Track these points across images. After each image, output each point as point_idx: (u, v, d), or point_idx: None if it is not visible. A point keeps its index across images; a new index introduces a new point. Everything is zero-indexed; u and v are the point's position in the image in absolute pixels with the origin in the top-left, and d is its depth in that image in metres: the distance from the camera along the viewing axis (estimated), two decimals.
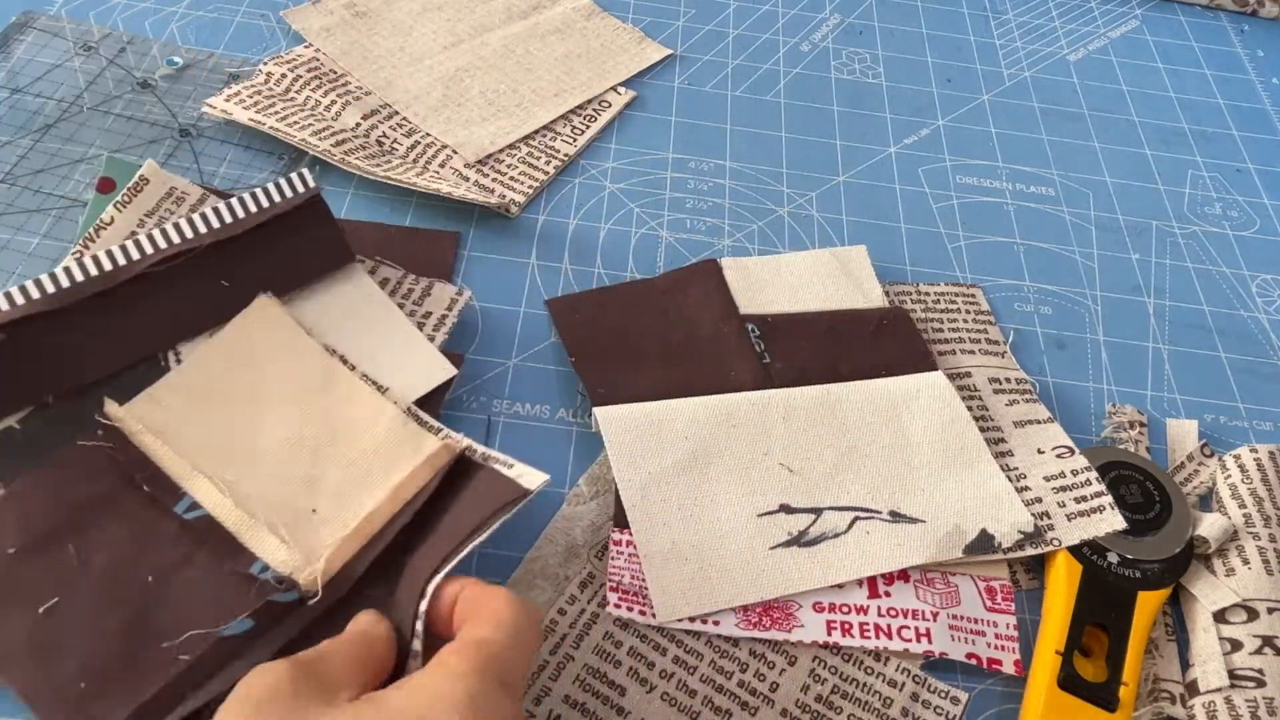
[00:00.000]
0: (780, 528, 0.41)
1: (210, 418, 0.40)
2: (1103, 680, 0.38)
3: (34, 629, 0.34)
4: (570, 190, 0.54)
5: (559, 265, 0.51)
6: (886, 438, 0.44)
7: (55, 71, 0.55)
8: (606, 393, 0.44)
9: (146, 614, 0.35)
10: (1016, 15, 0.71)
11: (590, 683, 0.37)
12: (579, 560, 0.40)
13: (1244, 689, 0.38)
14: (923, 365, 0.47)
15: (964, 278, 0.53)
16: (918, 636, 0.39)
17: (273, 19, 0.61)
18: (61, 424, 0.39)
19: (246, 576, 0.36)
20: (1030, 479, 0.43)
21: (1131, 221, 0.58)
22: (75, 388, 0.40)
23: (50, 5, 0.59)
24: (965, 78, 0.65)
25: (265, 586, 0.36)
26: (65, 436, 0.39)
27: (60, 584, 0.35)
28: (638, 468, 0.41)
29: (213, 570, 0.36)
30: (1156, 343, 0.52)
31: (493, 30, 0.62)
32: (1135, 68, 0.68)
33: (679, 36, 0.65)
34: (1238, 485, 0.44)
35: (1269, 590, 0.40)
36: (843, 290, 0.49)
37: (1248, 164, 0.62)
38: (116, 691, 0.33)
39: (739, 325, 0.47)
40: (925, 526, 0.41)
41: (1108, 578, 0.41)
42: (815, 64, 0.65)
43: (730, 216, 0.54)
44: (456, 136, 0.55)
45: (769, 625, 0.38)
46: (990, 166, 0.59)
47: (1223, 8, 0.73)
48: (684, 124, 0.59)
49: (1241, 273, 0.56)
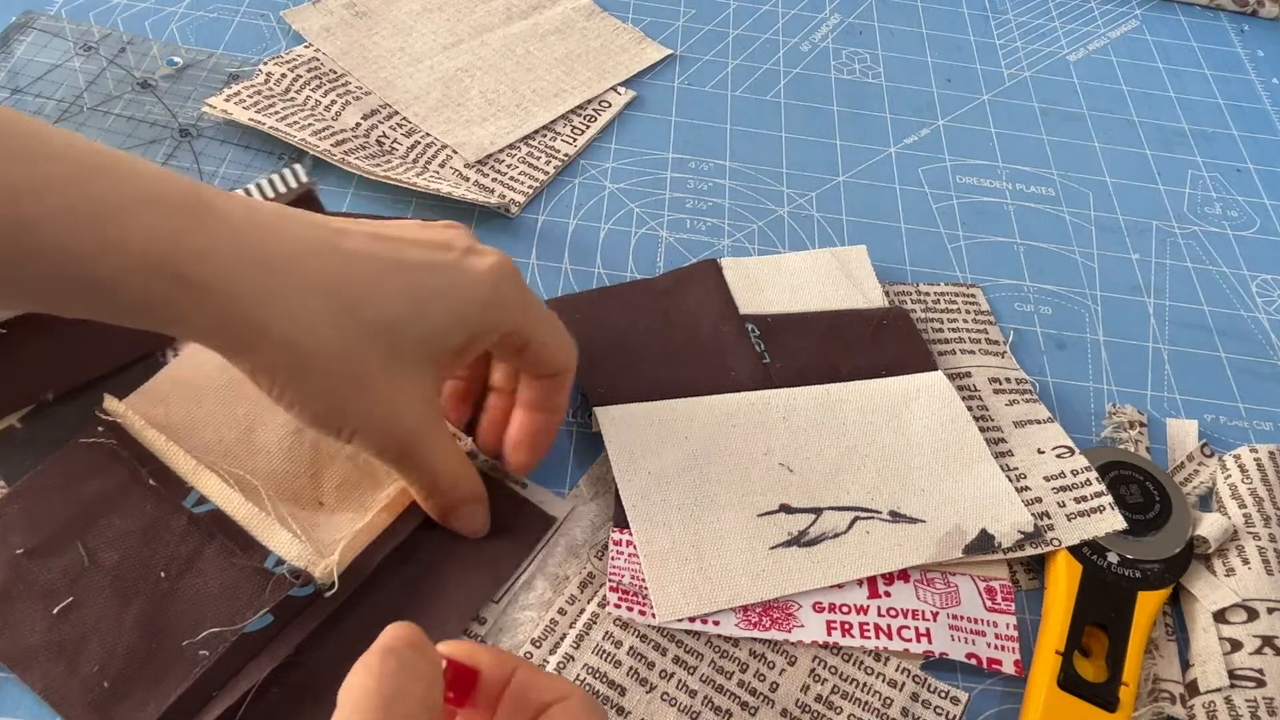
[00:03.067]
0: (780, 528, 0.41)
1: (212, 410, 0.40)
2: (1103, 680, 0.38)
3: (51, 629, 0.34)
4: (570, 190, 0.54)
5: (559, 265, 0.51)
6: (886, 438, 0.44)
7: (55, 71, 0.55)
8: (606, 393, 0.44)
9: (162, 610, 0.35)
10: (1016, 15, 0.71)
11: (590, 683, 0.37)
12: (579, 560, 0.40)
13: (1244, 689, 0.38)
14: (923, 365, 0.47)
15: (964, 278, 0.53)
16: (918, 636, 0.39)
17: (273, 19, 0.61)
18: (63, 422, 0.39)
19: (260, 570, 0.36)
20: (1030, 479, 0.43)
21: (1131, 221, 0.58)
22: (76, 386, 0.40)
23: (50, 5, 0.59)
24: (965, 78, 0.65)
25: (282, 581, 0.35)
26: (67, 434, 0.39)
27: (73, 583, 0.35)
28: (638, 468, 0.41)
29: (225, 565, 0.36)
30: (1156, 343, 0.52)
31: (493, 30, 0.62)
32: (1135, 68, 0.68)
33: (679, 36, 0.65)
34: (1238, 485, 0.44)
35: (1269, 590, 0.40)
36: (843, 290, 0.49)
37: (1248, 164, 0.62)
38: (140, 692, 0.33)
39: (739, 325, 0.47)
40: (925, 526, 0.41)
41: (1108, 578, 0.41)
42: (815, 64, 0.65)
43: (730, 216, 0.54)
44: (456, 136, 0.55)
45: (769, 625, 0.38)
46: (990, 166, 0.59)
47: (1223, 8, 0.73)
48: (684, 124, 0.59)
49: (1241, 273, 0.56)
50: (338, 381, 0.33)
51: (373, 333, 0.33)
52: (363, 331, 0.33)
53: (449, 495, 0.37)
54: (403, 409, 0.34)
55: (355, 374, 0.33)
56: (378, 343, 0.33)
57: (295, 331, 0.32)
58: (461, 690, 0.29)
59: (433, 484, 0.37)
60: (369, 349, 0.33)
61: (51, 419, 0.39)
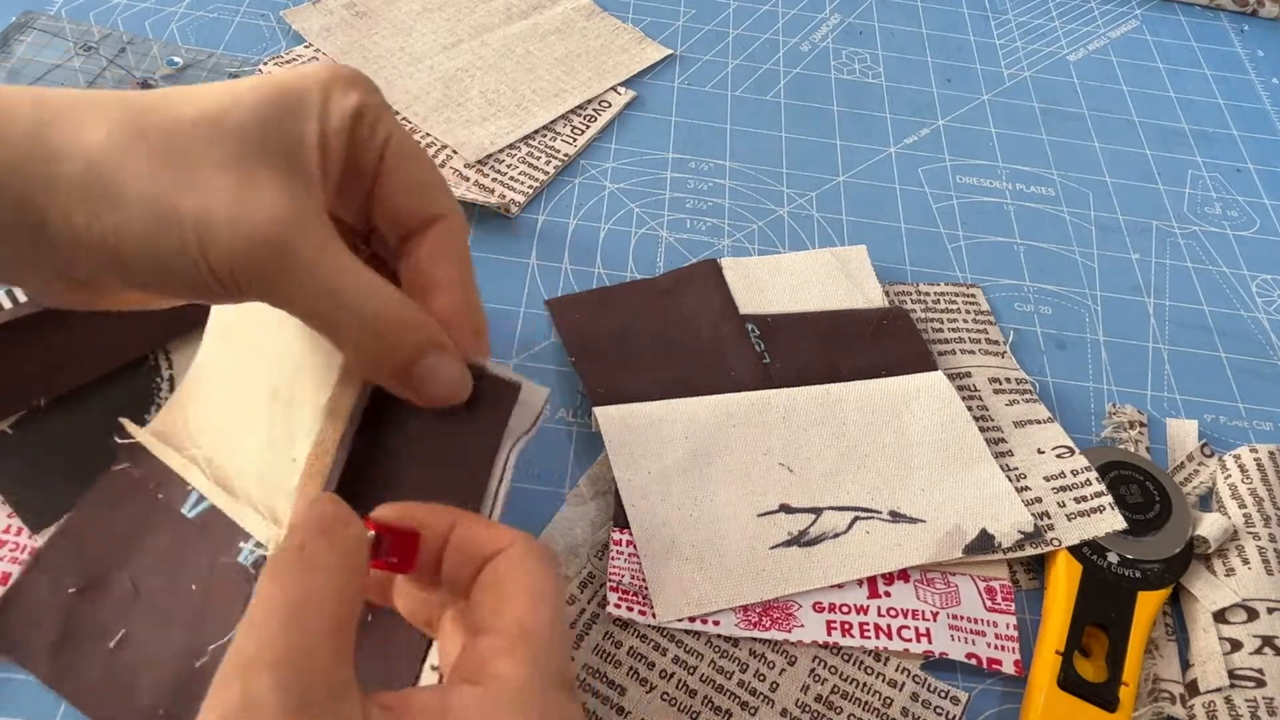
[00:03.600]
0: (780, 527, 0.41)
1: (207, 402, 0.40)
2: (1103, 680, 0.38)
3: (108, 665, 0.34)
4: (570, 190, 0.54)
5: (559, 265, 0.51)
6: (886, 438, 0.44)
7: (55, 71, 0.55)
8: (606, 393, 0.44)
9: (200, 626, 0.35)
10: (1016, 15, 0.71)
11: (590, 683, 0.37)
12: (579, 560, 0.40)
13: (1244, 689, 0.38)
14: (923, 365, 0.47)
15: (964, 278, 0.53)
16: (918, 636, 0.39)
17: (273, 19, 0.61)
18: (53, 427, 0.39)
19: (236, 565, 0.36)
20: (1030, 479, 0.43)
21: (1131, 221, 0.58)
22: (66, 390, 0.40)
23: (50, 5, 0.59)
24: (965, 78, 0.65)
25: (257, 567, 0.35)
26: (58, 439, 0.39)
27: (123, 615, 0.35)
28: (638, 468, 0.41)
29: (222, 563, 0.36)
30: (1156, 343, 0.52)
31: (493, 30, 0.62)
32: (1135, 68, 0.68)
33: (679, 36, 0.65)
34: (1238, 485, 0.44)
35: (1269, 590, 0.40)
36: (843, 290, 0.49)
37: (1248, 164, 0.62)
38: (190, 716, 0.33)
39: (739, 325, 0.47)
40: (925, 526, 0.41)
41: (1108, 578, 0.41)
42: (815, 64, 0.65)
43: (730, 216, 0.54)
44: (456, 136, 0.55)
45: (769, 625, 0.38)
46: (990, 166, 0.59)
47: (1223, 8, 0.73)
48: (684, 124, 0.59)
49: (1241, 273, 0.56)
50: (154, 181, 0.26)
51: (190, 123, 0.27)
52: (177, 124, 0.27)
53: (385, 335, 0.29)
54: (256, 199, 0.27)
55: (175, 166, 0.26)
56: (196, 133, 0.27)
57: (88, 137, 0.26)
58: (404, 557, 0.27)
59: (344, 313, 0.28)
60: (191, 139, 0.27)
61: (42, 424, 0.39)
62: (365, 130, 0.30)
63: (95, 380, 0.40)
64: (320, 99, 0.29)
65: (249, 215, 0.26)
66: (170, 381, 0.42)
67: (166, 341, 0.42)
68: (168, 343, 0.42)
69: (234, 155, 0.27)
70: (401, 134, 0.31)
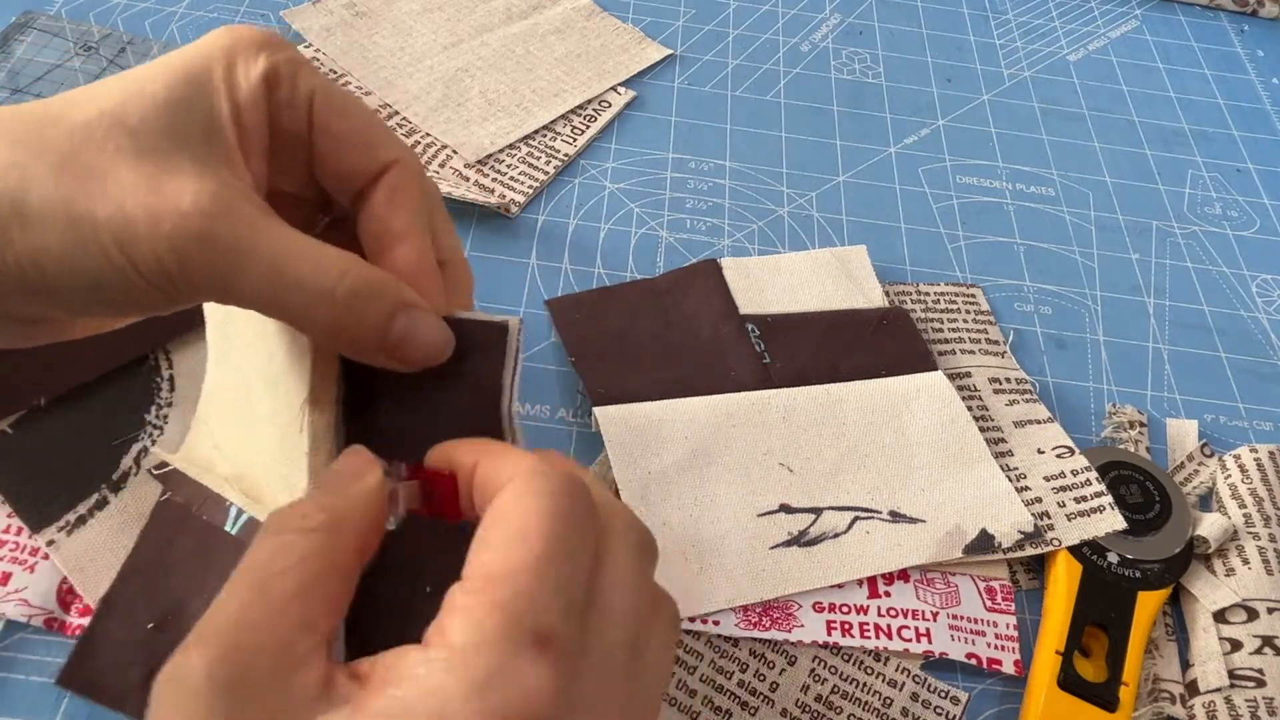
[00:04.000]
0: (780, 527, 0.41)
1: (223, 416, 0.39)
2: (1103, 680, 0.38)
3: None
4: (570, 190, 0.54)
5: (559, 265, 0.51)
6: (886, 438, 0.44)
7: (55, 71, 0.55)
8: (606, 393, 0.44)
9: None
10: (1016, 15, 0.71)
11: None
12: None
13: (1244, 689, 0.38)
14: (923, 365, 0.47)
15: (964, 278, 0.53)
16: (918, 636, 0.39)
17: (273, 19, 0.61)
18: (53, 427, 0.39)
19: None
20: (1030, 479, 0.43)
21: (1131, 221, 0.58)
22: (66, 390, 0.40)
23: (50, 5, 0.59)
24: (965, 78, 0.65)
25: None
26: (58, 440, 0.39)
27: None
28: (638, 468, 0.41)
29: None
30: (1156, 343, 0.52)
31: (493, 30, 0.62)
32: (1135, 68, 0.68)
33: (679, 36, 0.65)
34: (1238, 485, 0.44)
35: (1269, 590, 0.40)
36: (843, 290, 0.49)
37: (1248, 164, 0.62)
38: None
39: (739, 325, 0.47)
40: (925, 526, 0.41)
41: (1108, 578, 0.41)
42: (815, 64, 0.65)
43: (730, 216, 0.54)
44: (456, 136, 0.55)
45: (769, 625, 0.38)
46: (990, 166, 0.59)
47: (1223, 8, 0.73)
48: (684, 124, 0.59)
49: (1241, 273, 0.56)
50: (62, 194, 0.25)
51: (92, 125, 0.25)
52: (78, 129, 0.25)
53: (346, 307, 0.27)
54: (173, 191, 0.25)
55: (81, 173, 0.25)
56: (99, 134, 0.25)
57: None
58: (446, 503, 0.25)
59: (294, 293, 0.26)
60: (95, 142, 0.25)
61: (42, 424, 0.39)
62: (284, 92, 0.28)
63: (95, 380, 0.40)
64: (224, 71, 0.27)
65: (168, 210, 0.25)
66: (170, 381, 0.42)
67: (166, 341, 0.42)
68: (168, 342, 0.42)
69: (143, 150, 0.25)
70: (327, 87, 0.29)
